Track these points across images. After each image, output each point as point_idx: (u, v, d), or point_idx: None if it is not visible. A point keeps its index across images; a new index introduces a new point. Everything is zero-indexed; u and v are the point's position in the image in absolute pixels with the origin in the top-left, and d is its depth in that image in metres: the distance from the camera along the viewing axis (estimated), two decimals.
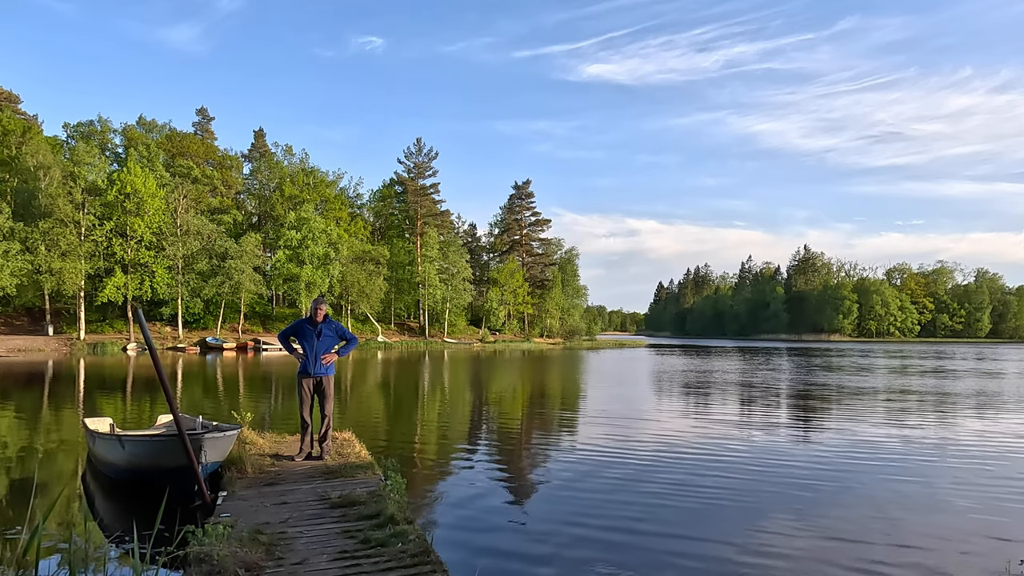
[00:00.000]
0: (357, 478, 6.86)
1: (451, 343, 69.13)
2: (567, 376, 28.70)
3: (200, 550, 4.34)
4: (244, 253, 54.96)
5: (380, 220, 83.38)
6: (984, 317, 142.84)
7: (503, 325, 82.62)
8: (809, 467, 9.24)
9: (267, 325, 62.55)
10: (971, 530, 6.38)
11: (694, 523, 6.50)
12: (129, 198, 50.19)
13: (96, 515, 6.64)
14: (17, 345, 42.85)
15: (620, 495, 7.54)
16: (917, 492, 7.86)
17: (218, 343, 51.59)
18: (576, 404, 18.14)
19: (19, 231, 46.05)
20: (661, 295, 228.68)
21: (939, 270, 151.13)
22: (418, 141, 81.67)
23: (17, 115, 62.02)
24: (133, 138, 63.77)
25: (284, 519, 5.42)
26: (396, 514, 5.27)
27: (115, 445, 7.32)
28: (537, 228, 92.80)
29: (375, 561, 4.45)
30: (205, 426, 8.42)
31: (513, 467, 9.36)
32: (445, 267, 74.48)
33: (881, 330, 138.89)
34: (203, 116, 77.99)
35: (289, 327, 8.06)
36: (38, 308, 51.68)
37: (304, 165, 73.23)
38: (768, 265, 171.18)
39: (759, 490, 7.84)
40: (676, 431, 12.46)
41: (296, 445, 8.26)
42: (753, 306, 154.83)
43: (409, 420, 14.42)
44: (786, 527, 6.41)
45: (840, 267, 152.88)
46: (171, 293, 53.32)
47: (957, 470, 9.14)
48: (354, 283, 63.21)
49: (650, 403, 17.97)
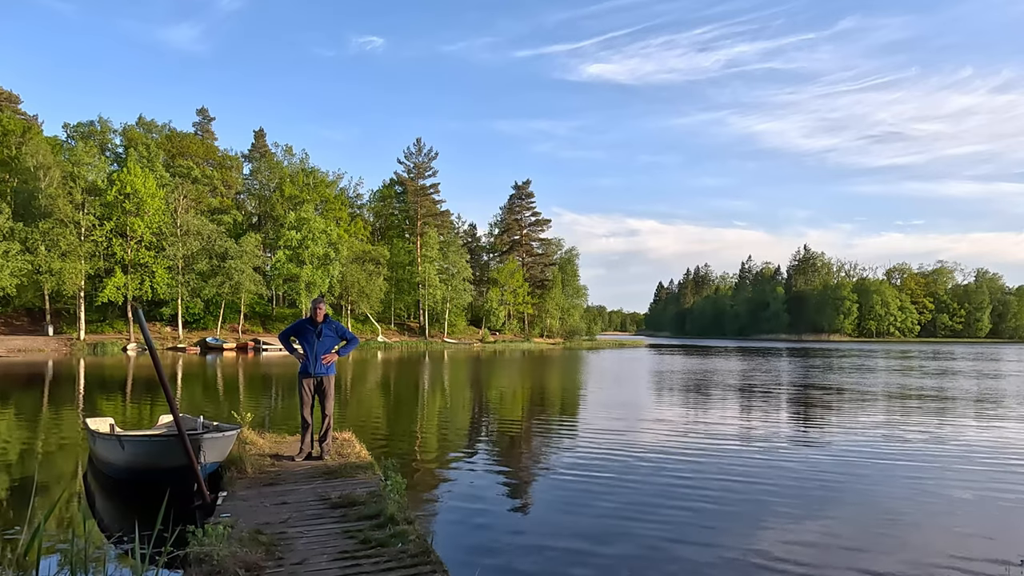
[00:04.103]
0: (357, 478, 6.86)
1: (451, 343, 69.11)
2: (567, 376, 28.69)
3: (200, 550, 4.34)
4: (244, 253, 54.95)
5: (380, 220, 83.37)
6: (984, 317, 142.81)
7: (503, 325, 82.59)
8: (809, 467, 9.24)
9: (267, 325, 62.54)
10: (971, 530, 6.38)
11: (694, 523, 6.49)
12: (129, 198, 50.19)
13: (96, 515, 6.64)
14: (17, 345, 42.85)
15: (620, 495, 7.54)
16: (917, 492, 7.85)
17: (218, 343, 51.58)
18: (576, 404, 18.14)
19: (19, 231, 46.04)
20: (661, 295, 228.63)
21: (939, 270, 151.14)
22: (418, 141, 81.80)
23: (17, 115, 61.99)
24: (133, 138, 63.73)
25: (284, 519, 5.42)
26: (396, 514, 5.27)
27: (115, 445, 7.32)
28: (537, 228, 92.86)
29: (375, 561, 4.45)
30: (206, 426, 8.41)
31: (513, 467, 9.36)
32: (445, 267, 74.47)
33: (881, 330, 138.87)
34: (203, 116, 78.04)
35: (290, 327, 8.07)
36: (38, 308, 51.66)
37: (304, 165, 73.17)
38: (768, 265, 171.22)
39: (759, 490, 7.83)
40: (676, 431, 12.46)
41: (296, 445, 8.26)
42: (753, 306, 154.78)
43: (409, 420, 14.42)
44: (786, 527, 6.41)
45: (840, 267, 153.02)
46: (171, 293, 53.30)
47: (957, 470, 9.14)
48: (354, 283, 63.21)
49: (650, 403, 17.97)
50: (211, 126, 78.17)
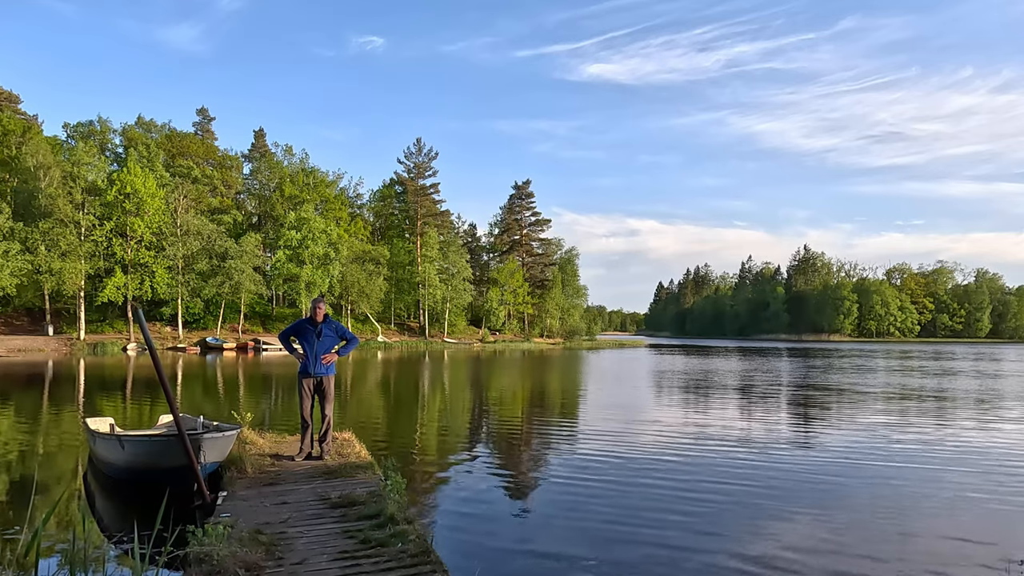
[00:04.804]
0: (357, 478, 6.86)
1: (451, 343, 69.11)
2: (567, 377, 28.69)
3: (200, 550, 4.34)
4: (244, 253, 54.95)
5: (380, 220, 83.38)
6: (984, 317, 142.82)
7: (503, 325, 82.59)
8: (809, 467, 9.24)
9: (267, 325, 62.54)
10: (971, 530, 6.38)
11: (694, 524, 6.49)
12: (129, 198, 50.18)
13: (96, 515, 6.64)
14: (17, 345, 42.84)
15: (620, 495, 7.54)
16: (917, 491, 7.85)
17: (218, 343, 51.58)
18: (576, 404, 18.14)
19: (19, 231, 46.04)
20: (661, 295, 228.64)
21: (939, 270, 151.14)
22: (418, 141, 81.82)
23: (17, 115, 61.98)
24: (133, 138, 63.75)
25: (284, 519, 5.42)
26: (396, 514, 5.27)
27: (115, 445, 7.32)
28: (537, 228, 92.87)
29: (375, 561, 4.45)
30: (206, 426, 8.41)
31: (513, 467, 9.35)
32: (445, 267, 74.46)
33: (881, 330, 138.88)
34: (203, 116, 78.03)
35: (290, 327, 8.07)
36: (38, 308, 51.66)
37: (304, 165, 73.19)
38: (768, 265, 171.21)
39: (759, 491, 7.83)
40: (676, 432, 12.46)
41: (296, 445, 8.26)
42: (753, 306, 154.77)
43: (409, 420, 14.42)
44: (787, 528, 6.41)
45: (840, 267, 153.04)
46: (171, 293, 53.30)
47: (957, 470, 9.13)
48: (354, 283, 63.22)
49: (650, 403, 17.97)
50: (211, 126, 78.19)
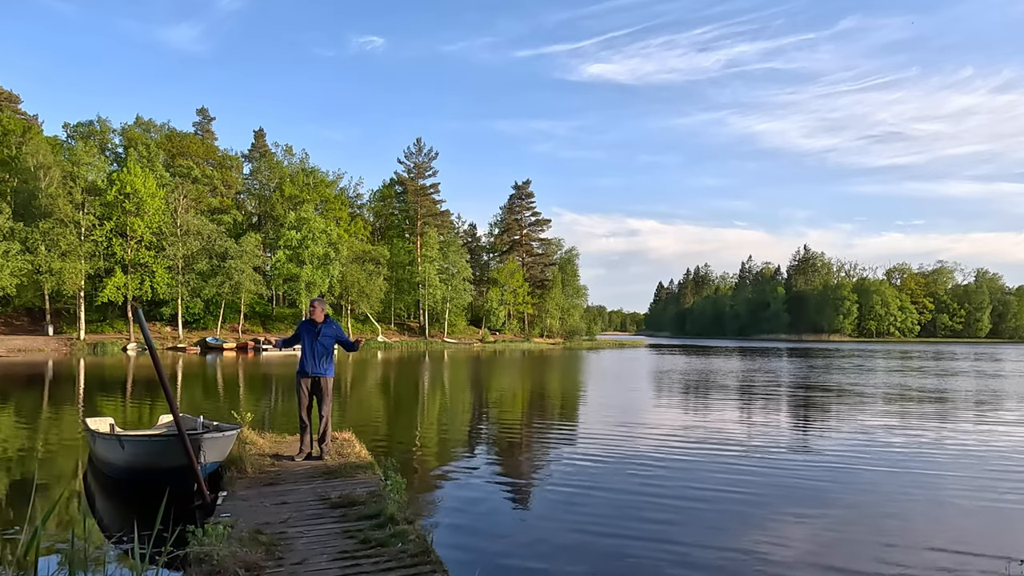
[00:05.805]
0: (357, 478, 6.86)
1: (451, 343, 69.11)
2: (567, 377, 28.70)
3: (200, 550, 4.34)
4: (244, 253, 54.97)
5: (380, 220, 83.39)
6: (984, 317, 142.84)
7: (503, 325, 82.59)
8: (809, 468, 9.24)
9: (267, 325, 62.55)
10: (971, 530, 6.38)
11: (694, 524, 6.49)
12: (129, 198, 50.19)
13: (96, 515, 6.64)
14: (17, 345, 42.84)
15: (620, 495, 7.54)
16: (917, 491, 7.85)
17: (218, 343, 51.59)
18: (576, 404, 18.14)
19: (19, 231, 46.04)
20: (661, 295, 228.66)
21: (939, 270, 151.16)
22: (418, 141, 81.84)
23: (17, 115, 61.97)
24: (133, 138, 63.74)
25: (284, 519, 5.41)
26: (396, 514, 5.27)
27: (115, 445, 7.32)
28: (537, 228, 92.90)
29: (375, 561, 4.45)
30: (206, 426, 8.41)
31: (513, 467, 9.35)
32: (445, 267, 74.47)
33: (881, 330, 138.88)
34: (203, 116, 78.03)
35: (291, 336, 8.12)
36: (38, 308, 51.66)
37: (304, 165, 73.20)
38: (768, 265, 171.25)
39: (759, 491, 7.83)
40: (677, 432, 12.45)
41: (296, 445, 8.26)
42: (753, 306, 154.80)
43: (409, 420, 14.42)
44: (786, 527, 6.41)
45: (840, 267, 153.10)
46: (171, 293, 53.32)
47: (957, 470, 9.14)
48: (354, 283, 63.22)
49: (650, 404, 17.97)
50: (211, 126, 78.18)
